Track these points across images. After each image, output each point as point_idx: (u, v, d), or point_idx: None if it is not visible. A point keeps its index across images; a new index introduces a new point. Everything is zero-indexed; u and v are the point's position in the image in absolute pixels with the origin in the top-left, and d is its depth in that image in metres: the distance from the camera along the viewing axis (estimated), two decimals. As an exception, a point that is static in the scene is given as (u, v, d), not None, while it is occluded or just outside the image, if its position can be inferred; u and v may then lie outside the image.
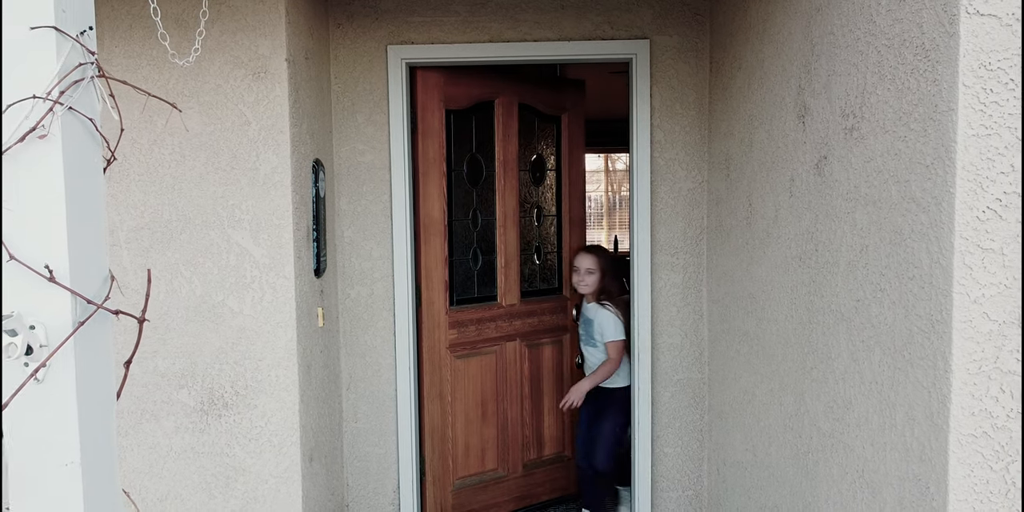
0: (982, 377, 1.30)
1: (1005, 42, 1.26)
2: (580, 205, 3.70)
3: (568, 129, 3.62)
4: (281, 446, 2.56)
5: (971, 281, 1.29)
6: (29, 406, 1.35)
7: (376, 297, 3.15)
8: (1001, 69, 1.26)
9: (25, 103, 1.30)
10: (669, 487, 3.21)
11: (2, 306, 1.36)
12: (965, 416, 1.31)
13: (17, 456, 1.38)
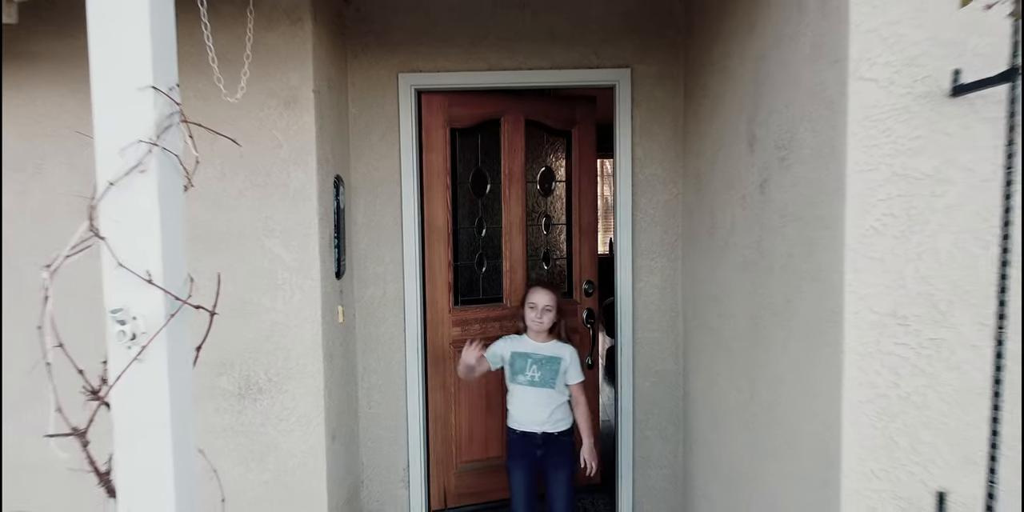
0: (868, 357, 1.69)
1: (882, 99, 1.65)
2: (592, 213, 3.99)
3: (579, 142, 3.95)
4: (308, 426, 2.95)
5: (859, 283, 1.68)
6: (132, 379, 1.74)
7: (388, 297, 3.54)
8: (879, 119, 1.65)
9: (133, 144, 1.69)
10: (648, 466, 3.59)
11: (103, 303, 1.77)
12: (855, 387, 1.69)
13: (122, 417, 1.77)
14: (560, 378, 3.20)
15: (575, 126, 3.92)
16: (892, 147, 1.65)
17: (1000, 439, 1.56)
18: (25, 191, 2.91)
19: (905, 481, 1.71)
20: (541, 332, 3.20)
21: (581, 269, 3.95)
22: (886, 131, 1.65)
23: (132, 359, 1.73)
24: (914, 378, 1.69)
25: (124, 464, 1.79)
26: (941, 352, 1.68)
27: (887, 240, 1.66)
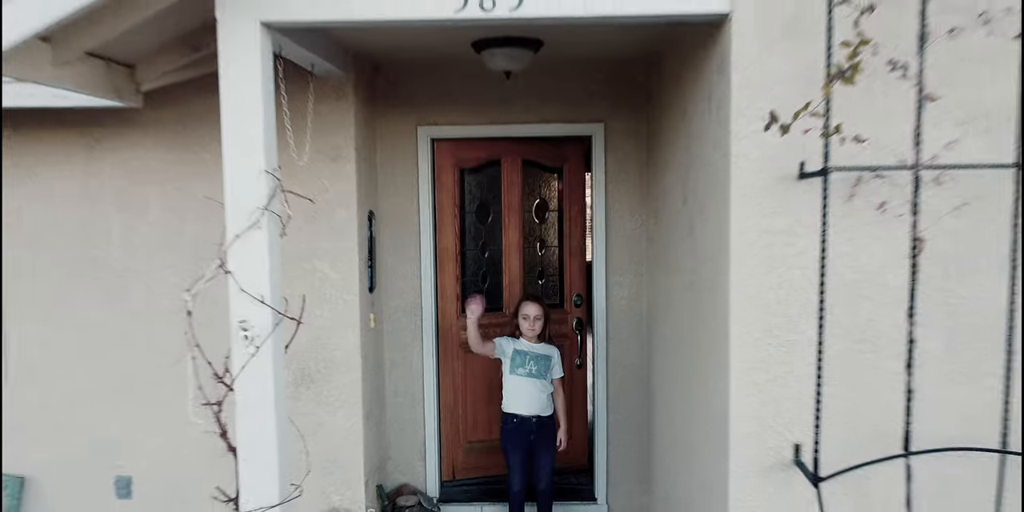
0: (746, 353, 2.51)
1: (754, 181, 2.46)
2: (580, 237, 4.77)
3: (569, 177, 4.72)
4: (348, 409, 3.77)
5: (738, 305, 2.50)
6: (249, 369, 2.58)
7: (408, 307, 4.36)
8: (752, 194, 2.47)
9: (252, 209, 2.51)
10: (618, 444, 4.41)
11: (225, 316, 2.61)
12: (739, 374, 2.51)
13: (243, 395, 2.59)
14: (550, 372, 4.03)
15: (566, 163, 4.73)
16: (760, 212, 2.47)
17: (823, 406, 2.38)
18: (133, 227, 3.74)
19: (773, 437, 2.53)
20: (533, 337, 4.02)
21: (571, 284, 4.76)
22: (757, 202, 2.47)
23: (251, 356, 2.57)
24: (778, 366, 2.52)
25: (243, 427, 2.63)
26: (794, 349, 2.50)
27: (760, 271, 2.48)
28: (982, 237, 2.44)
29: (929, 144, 2.32)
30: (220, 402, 2.52)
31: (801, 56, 2.39)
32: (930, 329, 2.47)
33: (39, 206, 3.76)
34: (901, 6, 2.32)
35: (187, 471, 3.86)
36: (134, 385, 3.87)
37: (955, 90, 2.36)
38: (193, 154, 3.71)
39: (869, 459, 2.39)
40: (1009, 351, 2.36)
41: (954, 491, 2.52)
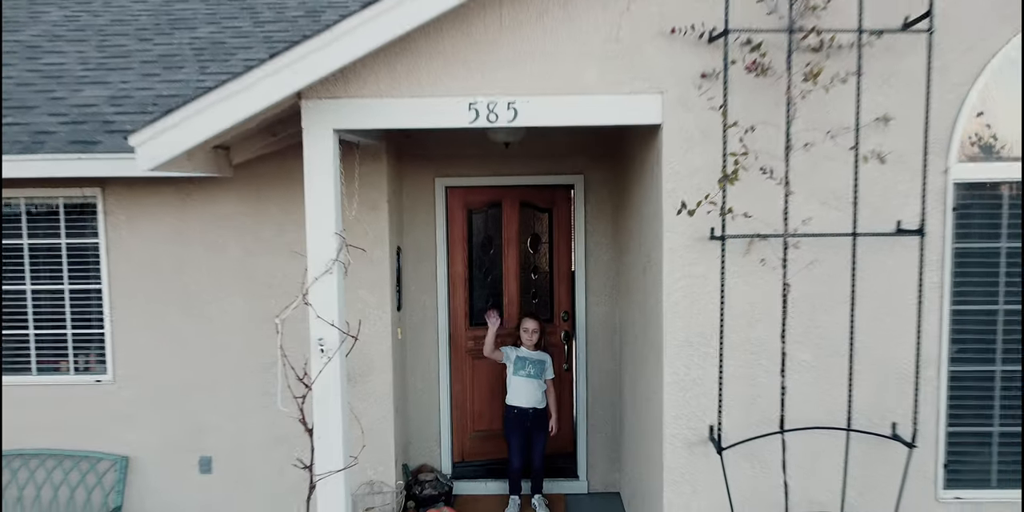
0: (674, 361, 3.56)
1: (680, 241, 3.52)
2: (567, 264, 5.75)
3: (557, 216, 5.71)
4: (382, 402, 4.83)
5: (670, 326, 3.56)
6: (325, 373, 3.62)
7: (427, 321, 5.42)
8: (678, 250, 3.52)
9: (326, 260, 3.55)
10: (595, 433, 5.47)
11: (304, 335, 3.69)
12: (669, 375, 3.57)
13: (319, 392, 3.63)
14: (544, 374, 5.10)
15: (555, 205, 5.77)
16: (684, 262, 3.53)
17: (725, 399, 3.44)
18: (214, 261, 4.79)
19: (693, 421, 3.59)
20: (531, 346, 5.08)
21: (559, 303, 5.80)
22: (682, 255, 3.53)
23: (325, 364, 3.62)
24: (696, 370, 3.57)
25: (317, 414, 3.68)
26: (707, 358, 3.56)
27: (682, 306, 3.54)
28: (836, 282, 3.50)
29: (794, 218, 3.39)
30: (304, 396, 3.58)
31: (709, 156, 3.46)
32: (803, 345, 3.54)
33: (144, 245, 4.82)
34: (776, 127, 3.38)
35: (254, 452, 4.92)
36: (213, 383, 4.93)
37: (811, 181, 3.43)
38: (262, 207, 4.77)
39: (753, 435, 3.46)
40: (851, 362, 3.43)
41: (819, 458, 3.58)
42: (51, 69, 5.46)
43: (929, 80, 3.37)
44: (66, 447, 4.90)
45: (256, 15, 6.54)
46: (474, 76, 3.48)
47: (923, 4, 3.32)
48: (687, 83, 3.44)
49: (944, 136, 3.46)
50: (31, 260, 4.86)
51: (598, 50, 3.46)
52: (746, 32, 3.32)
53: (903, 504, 3.55)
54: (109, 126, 4.53)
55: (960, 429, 3.64)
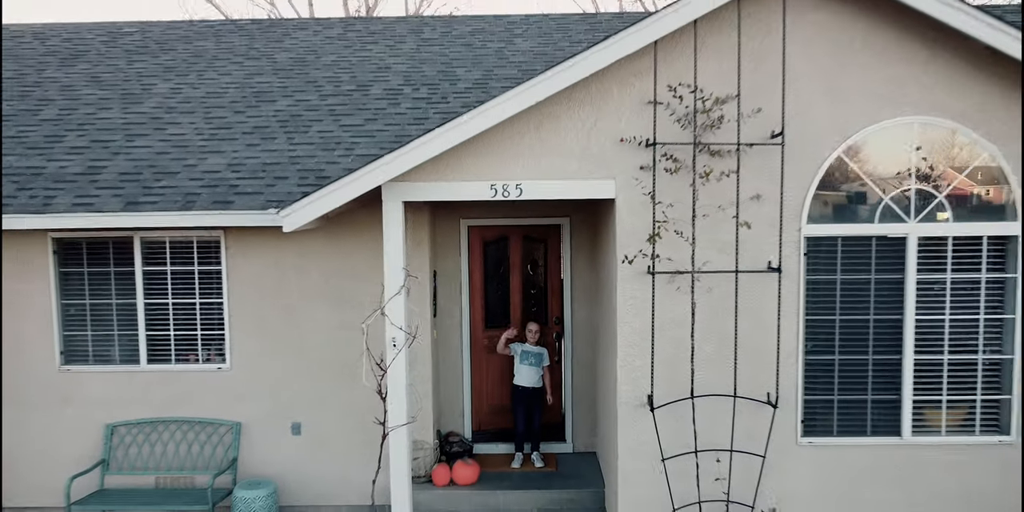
0: (624, 351, 5.47)
1: (629, 273, 5.42)
2: (558, 283, 7.68)
3: (550, 246, 7.63)
4: (424, 384, 6.74)
5: (622, 330, 5.46)
6: (396, 362, 5.58)
7: (454, 325, 7.33)
8: (628, 279, 5.42)
9: (397, 286, 5.50)
10: (578, 406, 7.39)
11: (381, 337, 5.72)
12: (621, 360, 5.48)
13: (392, 374, 5.59)
14: (542, 362, 7.02)
15: (549, 238, 7.68)
16: (631, 288, 5.43)
17: (656, 376, 5.35)
18: (302, 283, 6.69)
19: (636, 390, 5.49)
20: (533, 342, 7.00)
21: (552, 311, 7.71)
22: (629, 284, 5.43)
23: (395, 355, 5.56)
24: (638, 359, 5.48)
25: (390, 387, 5.61)
26: (645, 351, 5.46)
27: (629, 316, 5.45)
28: (726, 300, 5.40)
29: (699, 261, 5.31)
30: (382, 375, 5.49)
31: (644, 221, 5.36)
32: (706, 341, 5.44)
33: (253, 271, 6.71)
34: (686, 203, 5.29)
35: (330, 421, 6.81)
36: (301, 371, 6.82)
37: (709, 236, 5.34)
38: (337, 244, 6.66)
39: (673, 400, 5.38)
40: (736, 352, 5.35)
41: (716, 415, 5.48)
42: (177, 139, 7.37)
43: (783, 173, 5.29)
44: (198, 416, 6.81)
45: (319, 89, 8.45)
46: (494, 168, 5.39)
47: (779, 124, 5.24)
48: (631, 173, 5.35)
49: (799, 207, 5.37)
50: (172, 281, 6.78)
51: (576, 151, 5.37)
52: (667, 145, 5.24)
53: (775, 448, 5.46)
54: (235, 189, 6.45)
55: (812, 397, 5.55)
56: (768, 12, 5.26)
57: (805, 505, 5.55)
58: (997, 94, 5.28)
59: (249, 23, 10.66)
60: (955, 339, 5.51)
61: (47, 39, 10.17)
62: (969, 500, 5.53)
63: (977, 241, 5.44)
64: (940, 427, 5.56)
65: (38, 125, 7.76)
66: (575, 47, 9.60)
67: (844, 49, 5.28)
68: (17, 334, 6.79)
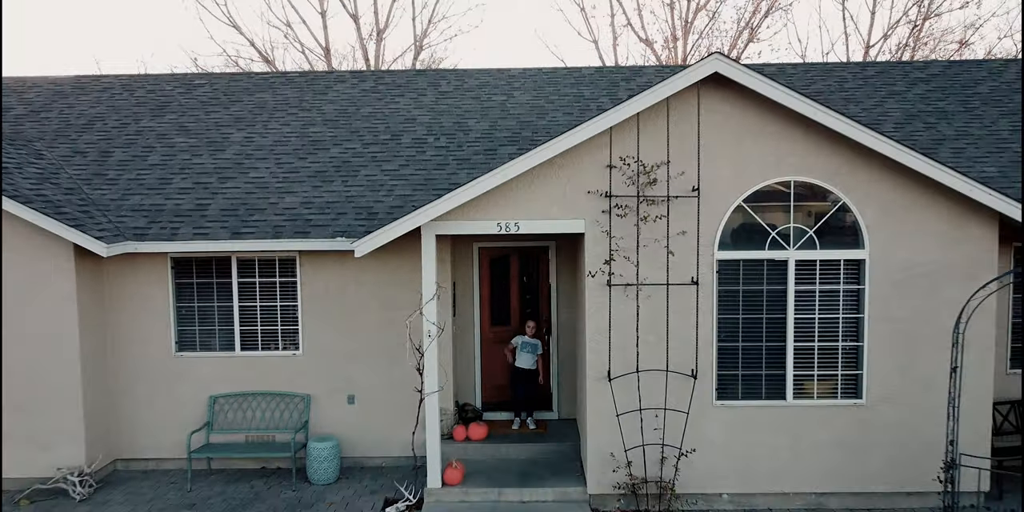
0: (592, 342, 7.81)
1: (594, 285, 7.76)
2: (547, 290, 10.04)
3: (541, 262, 9.96)
4: (447, 365, 9.07)
5: (590, 327, 7.80)
6: (430, 348, 7.95)
7: (468, 322, 9.68)
8: (594, 289, 7.76)
9: (430, 294, 7.88)
10: (563, 383, 9.73)
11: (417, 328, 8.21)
12: (589, 348, 7.83)
13: (428, 357, 7.97)
14: (536, 350, 9.38)
15: (541, 256, 10.03)
16: (595, 295, 7.77)
17: (612, 358, 7.69)
18: (358, 292, 9.03)
19: (600, 367, 7.82)
20: (531, 335, 9.35)
21: (543, 312, 10.05)
22: (594, 291, 7.77)
23: (430, 342, 7.97)
24: (601, 344, 7.81)
25: (426, 366, 8.03)
26: (604, 340, 7.79)
27: (595, 315, 7.79)
28: (662, 304, 7.74)
29: (642, 276, 7.66)
30: (421, 359, 7.82)
31: (603, 249, 7.71)
32: (648, 333, 7.79)
33: (320, 281, 9.04)
34: (632, 237, 7.64)
35: (378, 393, 9.14)
36: (357, 355, 9.14)
37: (649, 260, 7.68)
38: (384, 262, 8.98)
39: (624, 373, 7.73)
40: (667, 340, 7.70)
41: (654, 384, 7.82)
42: (258, 181, 9.73)
43: (699, 216, 7.63)
44: (277, 389, 9.16)
45: (361, 138, 10.80)
46: (499, 211, 7.73)
47: (696, 182, 7.59)
48: (594, 215, 7.69)
49: (712, 239, 7.70)
50: (260, 289, 9.12)
51: (557, 199, 7.71)
52: (618, 197, 7.59)
53: (696, 408, 7.79)
54: (309, 222, 8.80)
55: (723, 372, 7.88)
56: (688, 106, 7.61)
57: (719, 449, 7.89)
58: (847, 161, 7.62)
59: (297, 76, 13.03)
60: (823, 331, 7.85)
61: (134, 90, 12.52)
62: (835, 445, 7.85)
63: (837, 262, 7.78)
64: (813, 393, 7.90)
65: (149, 170, 10.12)
66: (562, 99, 11.96)
67: (743, 131, 7.62)
68: (145, 329, 9.14)
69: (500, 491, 7.99)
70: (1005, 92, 11.69)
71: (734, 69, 7.34)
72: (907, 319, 7.70)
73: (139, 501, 8.31)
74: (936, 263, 7.64)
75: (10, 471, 8.67)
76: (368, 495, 8.39)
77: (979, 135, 10.45)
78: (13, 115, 11.67)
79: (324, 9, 28.64)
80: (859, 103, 11.54)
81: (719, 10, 29.57)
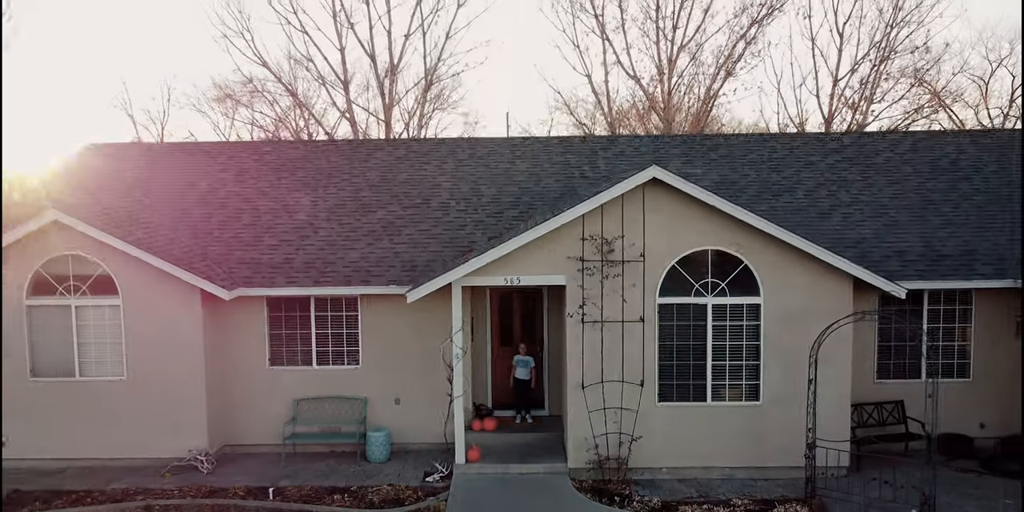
0: (571, 358, 11.19)
1: (573, 324, 11.14)
2: (541, 320, 13.35)
3: (536, 300, 13.29)
4: (467, 376, 12.46)
5: (567, 346, 11.19)
6: (458, 366, 11.41)
7: (481, 344, 13.08)
8: (573, 326, 11.14)
9: (457, 330, 11.33)
10: (550, 390, 13.13)
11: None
12: (569, 361, 11.21)
13: (456, 371, 11.40)
14: (529, 365, 12.82)
15: (536, 296, 13.42)
16: (573, 327, 11.15)
17: (584, 371, 11.07)
18: (402, 328, 12.42)
19: (578, 377, 11.20)
20: (523, 354, 12.79)
21: (537, 335, 13.43)
22: (573, 325, 11.16)
23: (457, 360, 11.45)
24: (575, 363, 11.19)
25: (456, 376, 11.47)
26: (579, 359, 11.17)
27: (573, 342, 11.17)
28: (617, 336, 11.13)
29: (605, 315, 11.06)
30: (450, 373, 11.22)
31: (578, 296, 11.09)
32: (610, 355, 11.19)
33: (376, 316, 12.41)
34: (598, 289, 11.03)
35: (418, 397, 12.52)
36: (402, 369, 12.51)
37: (609, 304, 11.07)
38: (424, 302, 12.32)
39: (593, 383, 11.14)
40: (623, 360, 11.10)
41: (614, 391, 11.21)
42: (327, 239, 13.12)
43: (644, 273, 11.03)
44: (342, 394, 12.56)
45: (400, 202, 14.19)
46: (507, 269, 11.13)
47: (643, 250, 10.99)
48: (572, 273, 11.10)
49: (655, 289, 11.08)
50: (331, 320, 12.52)
51: (546, 261, 11.11)
52: (588, 260, 11.00)
53: (644, 407, 11.17)
54: (369, 273, 12.21)
55: (663, 382, 11.27)
56: (637, 199, 11.01)
57: (659, 436, 11.26)
58: (747, 235, 11.00)
59: (345, 144, 16.46)
60: (732, 354, 11.24)
61: (216, 156, 15.91)
62: (741, 433, 11.23)
63: (741, 306, 11.17)
64: (725, 397, 11.29)
65: (243, 229, 13.51)
66: (553, 167, 15.35)
67: (675, 215, 11.02)
68: (247, 349, 12.53)
69: (507, 466, 11.38)
70: (896, 163, 15.08)
71: (666, 174, 10.76)
72: (789, 345, 11.09)
73: (250, 473, 11.71)
74: (807, 307, 11.04)
75: (153, 452, 12.05)
76: (412, 469, 11.79)
77: (866, 202, 13.85)
78: (127, 181, 15.05)
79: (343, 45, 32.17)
80: (781, 172, 14.94)
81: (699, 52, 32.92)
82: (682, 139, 16.67)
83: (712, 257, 11.11)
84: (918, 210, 13.53)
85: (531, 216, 13.26)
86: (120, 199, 14.11)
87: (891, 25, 31.22)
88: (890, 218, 13.37)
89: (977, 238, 12.61)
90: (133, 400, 12.00)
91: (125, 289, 11.87)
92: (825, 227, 13.10)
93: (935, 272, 11.96)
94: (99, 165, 15.55)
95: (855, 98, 32.62)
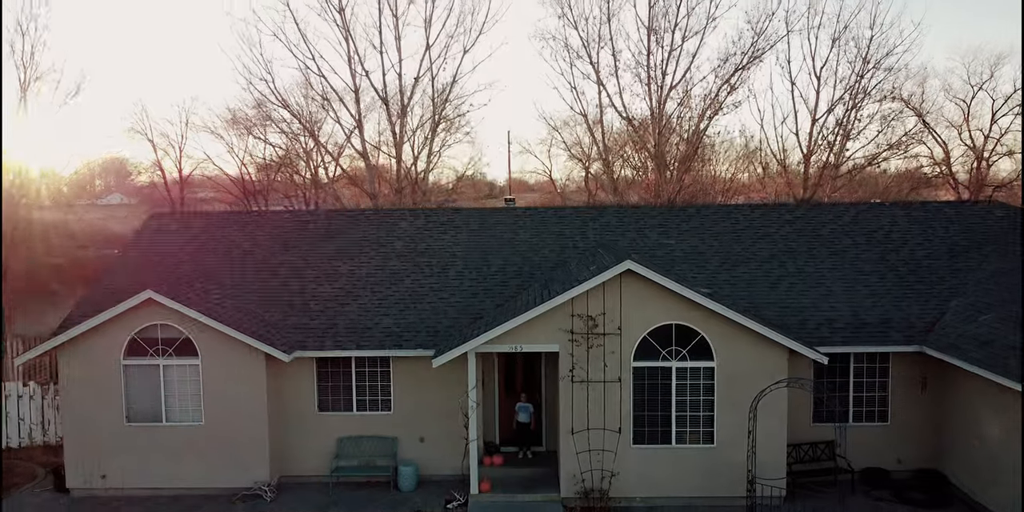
0: (563, 410, 14.02)
1: (565, 384, 13.96)
2: (539, 377, 16.17)
3: (535, 362, 16.08)
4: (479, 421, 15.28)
5: (560, 400, 14.03)
6: (472, 412, 14.30)
7: (489, 395, 15.92)
8: (563, 356, 13.96)
9: (472, 387, 14.23)
10: (547, 431, 15.96)
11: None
12: (561, 410, 14.05)
13: (470, 417, 14.27)
14: (529, 410, 15.71)
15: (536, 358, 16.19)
16: (565, 385, 13.98)
17: (573, 419, 13.91)
18: (430, 379, 15.26)
19: (568, 424, 14.02)
20: (525, 401, 15.65)
21: (536, 387, 16.24)
22: (564, 383, 13.99)
23: (472, 410, 14.34)
24: (567, 413, 14.01)
25: (470, 421, 14.36)
26: (570, 410, 13.99)
27: (565, 397, 14.00)
28: (600, 392, 13.96)
29: (590, 377, 13.90)
30: (466, 418, 14.05)
31: (568, 362, 13.93)
32: (596, 407, 14.00)
33: (406, 374, 15.23)
34: (585, 356, 13.87)
35: (440, 437, 15.33)
36: (427, 413, 15.33)
37: (594, 367, 13.92)
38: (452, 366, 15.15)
39: (581, 429, 13.98)
40: (605, 408, 13.96)
41: (597, 436, 14.04)
42: (364, 306, 15.97)
43: (621, 342, 13.87)
44: (377, 434, 15.40)
45: (422, 271, 17.03)
46: (511, 339, 13.97)
47: (620, 324, 13.84)
48: (564, 342, 13.96)
49: (630, 355, 13.92)
50: (368, 375, 15.35)
51: (543, 333, 13.96)
52: (576, 333, 13.85)
53: (621, 449, 14.00)
54: (401, 338, 15.06)
55: (637, 428, 14.10)
56: (615, 285, 13.86)
57: (634, 472, 14.09)
58: (703, 313, 13.84)
59: (372, 213, 19.30)
60: (692, 406, 14.07)
61: (262, 225, 18.75)
62: (700, 470, 14.06)
63: (699, 368, 14.01)
64: (687, 440, 14.12)
65: (290, 296, 16.35)
66: (550, 236, 18.17)
67: (646, 296, 13.86)
68: (300, 397, 15.36)
69: (512, 495, 14.24)
70: (838, 234, 17.90)
71: (638, 266, 13.62)
72: (738, 399, 13.92)
73: (305, 500, 14.56)
74: (751, 369, 13.88)
75: (225, 483, 14.87)
76: (435, 497, 14.63)
77: (808, 272, 16.68)
78: (190, 247, 17.88)
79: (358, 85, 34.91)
80: (742, 242, 17.76)
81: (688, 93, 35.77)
82: (659, 211, 19.52)
83: (676, 329, 13.94)
84: (851, 281, 16.36)
85: (530, 286, 16.11)
86: (190, 265, 16.99)
87: (860, 75, 34.12)
88: (826, 288, 16.19)
89: (894, 309, 15.44)
90: (209, 441, 14.84)
91: (204, 351, 14.72)
92: (773, 296, 15.94)
93: (858, 338, 14.80)
94: (163, 236, 18.41)
95: (831, 138, 35.57)
